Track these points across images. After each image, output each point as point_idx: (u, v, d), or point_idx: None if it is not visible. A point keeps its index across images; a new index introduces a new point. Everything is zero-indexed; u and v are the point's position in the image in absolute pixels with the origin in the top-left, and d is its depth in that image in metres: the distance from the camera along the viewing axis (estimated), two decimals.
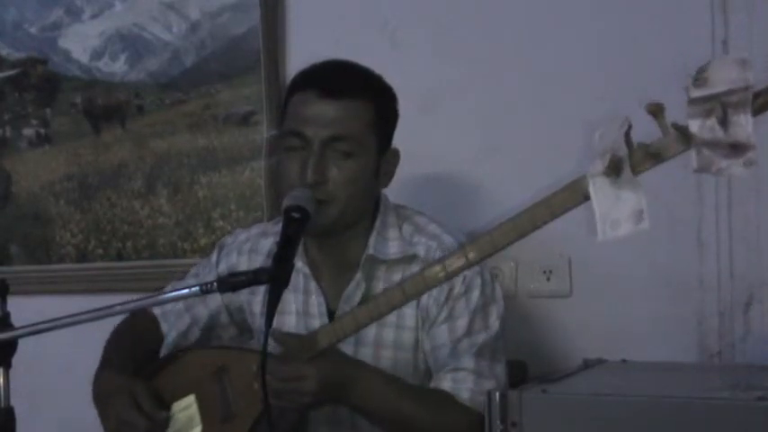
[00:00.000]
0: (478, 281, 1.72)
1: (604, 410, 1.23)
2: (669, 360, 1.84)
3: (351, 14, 2.30)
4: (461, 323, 1.70)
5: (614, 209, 1.25)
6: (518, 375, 1.87)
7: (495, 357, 1.72)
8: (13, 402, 1.49)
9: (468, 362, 1.68)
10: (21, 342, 1.49)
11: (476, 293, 1.71)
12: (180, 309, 1.92)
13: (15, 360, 1.49)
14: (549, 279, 2.10)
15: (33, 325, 1.47)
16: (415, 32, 2.24)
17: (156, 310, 1.93)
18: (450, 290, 1.70)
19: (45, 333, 1.47)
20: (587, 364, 1.61)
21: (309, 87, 1.70)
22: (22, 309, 1.54)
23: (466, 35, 2.17)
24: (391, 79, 1.79)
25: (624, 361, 1.66)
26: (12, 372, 1.49)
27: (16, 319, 1.50)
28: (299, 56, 2.21)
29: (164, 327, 1.92)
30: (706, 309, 1.98)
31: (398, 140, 1.81)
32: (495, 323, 1.73)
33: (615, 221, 1.25)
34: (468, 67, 2.17)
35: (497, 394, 1.27)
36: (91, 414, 1.78)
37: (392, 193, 1.86)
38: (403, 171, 1.87)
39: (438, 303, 1.71)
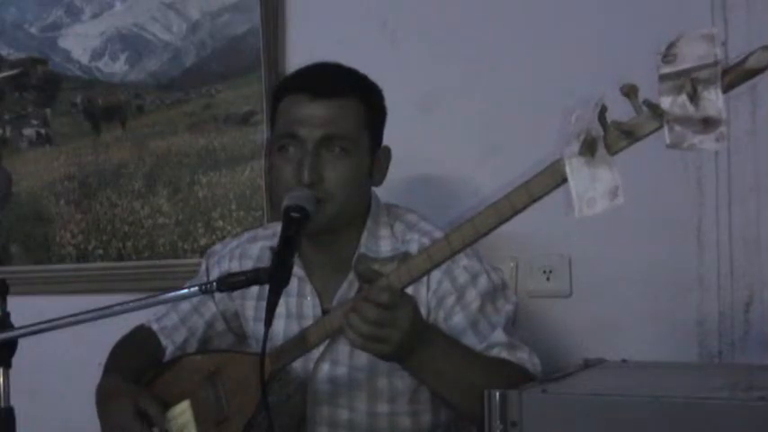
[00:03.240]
0: (479, 267, 1.72)
1: (604, 410, 1.23)
2: (669, 360, 1.84)
3: (351, 14, 2.30)
4: (474, 306, 1.69)
5: (590, 187, 1.26)
6: None
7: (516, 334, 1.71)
8: (13, 402, 1.49)
9: (497, 337, 1.66)
10: (21, 342, 1.49)
11: (483, 278, 1.71)
12: (176, 322, 1.93)
13: (15, 360, 1.49)
14: (549, 279, 2.10)
15: (33, 325, 1.47)
16: (415, 32, 2.23)
17: (154, 326, 1.94)
18: (454, 280, 1.70)
19: (45, 333, 1.47)
20: (587, 364, 1.61)
21: (300, 90, 1.70)
22: (22, 309, 1.54)
23: (466, 36, 2.17)
24: (391, 79, 1.79)
25: (624, 361, 1.66)
26: (12, 372, 1.49)
27: (16, 319, 1.50)
28: (299, 56, 2.21)
29: (163, 341, 1.93)
30: (706, 309, 1.98)
31: (398, 141, 1.81)
32: (509, 306, 1.72)
33: (591, 199, 1.26)
34: (468, 67, 2.17)
35: (497, 394, 1.27)
36: (91, 414, 1.78)
37: (391, 193, 1.86)
38: (402, 171, 1.87)
39: (439, 296, 1.71)
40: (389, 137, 1.80)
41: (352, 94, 1.71)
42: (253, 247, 1.88)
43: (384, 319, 1.43)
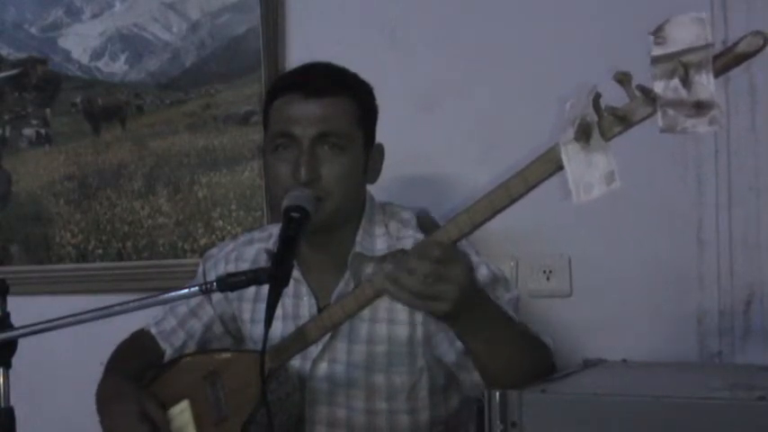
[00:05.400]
0: (477, 259, 1.72)
1: (604, 410, 1.23)
2: (669, 360, 1.84)
3: (351, 14, 2.30)
4: None
5: (587, 173, 1.27)
6: None
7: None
8: (13, 402, 1.49)
9: None
10: (21, 342, 1.49)
11: (482, 268, 1.70)
12: (174, 326, 1.93)
13: (15, 360, 1.49)
14: (548, 279, 2.10)
15: (33, 325, 1.47)
16: (415, 32, 2.23)
17: (153, 330, 1.94)
18: None
19: (45, 333, 1.47)
20: (587, 364, 1.61)
21: (292, 90, 1.71)
22: (22, 309, 1.54)
23: (466, 35, 2.17)
24: (391, 79, 1.79)
25: (624, 361, 1.66)
26: (12, 372, 1.49)
27: (16, 319, 1.50)
28: (299, 56, 2.20)
29: (162, 344, 1.93)
30: (706, 308, 1.98)
31: (398, 141, 1.81)
32: (509, 295, 1.71)
33: (588, 185, 1.27)
34: (468, 67, 2.17)
35: (497, 394, 1.27)
36: (91, 414, 1.78)
37: (391, 193, 1.86)
38: (402, 171, 1.87)
39: None
40: (389, 136, 1.80)
41: (344, 92, 1.72)
42: (249, 250, 1.88)
43: (439, 274, 1.37)
